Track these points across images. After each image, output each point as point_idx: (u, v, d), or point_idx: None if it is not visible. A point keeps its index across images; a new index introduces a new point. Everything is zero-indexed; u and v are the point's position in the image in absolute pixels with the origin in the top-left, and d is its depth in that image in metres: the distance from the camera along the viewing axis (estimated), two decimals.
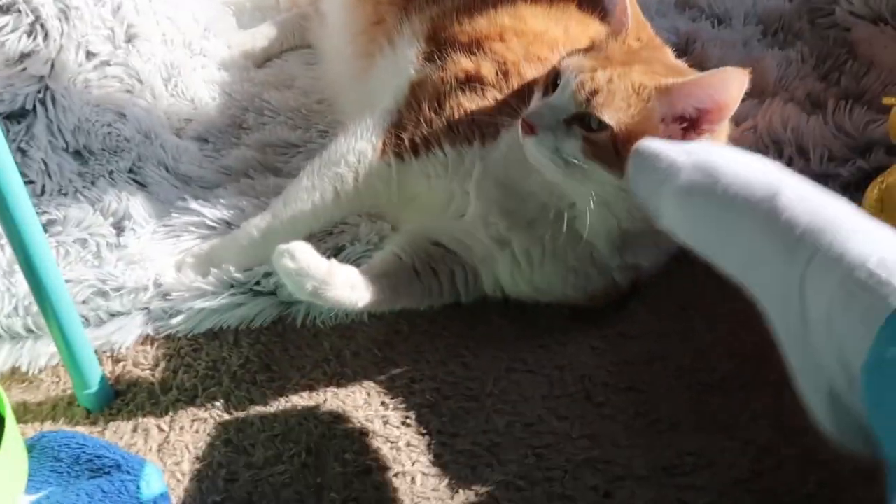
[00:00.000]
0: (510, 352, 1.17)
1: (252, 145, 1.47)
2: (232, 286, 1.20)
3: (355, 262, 1.20)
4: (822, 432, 0.79)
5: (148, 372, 1.15)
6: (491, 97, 1.18)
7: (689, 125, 1.03)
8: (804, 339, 0.77)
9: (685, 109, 1.02)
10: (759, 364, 1.14)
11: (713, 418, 1.08)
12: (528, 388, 1.12)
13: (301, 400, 1.11)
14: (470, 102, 1.17)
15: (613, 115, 1.01)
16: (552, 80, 1.07)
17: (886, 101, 1.18)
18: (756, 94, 1.53)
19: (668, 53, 1.15)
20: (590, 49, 1.10)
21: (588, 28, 1.28)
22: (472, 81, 1.19)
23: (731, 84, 0.98)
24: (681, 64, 1.13)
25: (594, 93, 1.02)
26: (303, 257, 1.03)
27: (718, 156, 0.89)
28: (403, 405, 1.10)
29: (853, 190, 1.32)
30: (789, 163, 1.36)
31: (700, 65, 1.55)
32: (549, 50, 1.21)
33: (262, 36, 1.74)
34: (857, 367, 0.69)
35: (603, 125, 1.02)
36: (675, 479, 1.01)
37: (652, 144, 0.95)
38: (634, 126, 1.01)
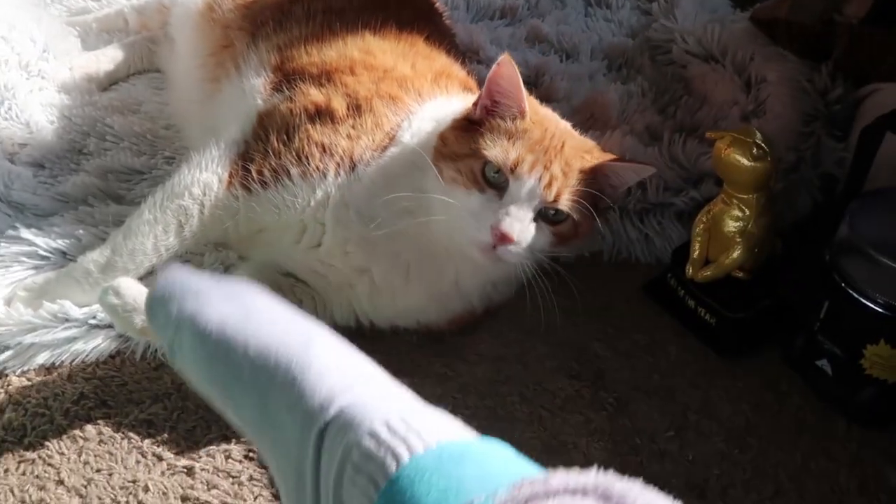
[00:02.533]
0: None
1: (92, 172, 1.40)
2: (66, 320, 1.15)
3: None
4: None
5: None
6: (343, 132, 1.16)
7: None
8: None
9: (606, 187, 1.12)
10: (599, 386, 1.19)
11: (554, 441, 1.12)
12: None
13: (138, 436, 1.07)
14: (320, 135, 1.15)
15: (574, 207, 1.08)
16: (483, 175, 1.07)
17: (709, 135, 1.26)
18: (600, 125, 1.60)
19: (559, 121, 1.19)
20: (479, 125, 1.10)
21: (434, 63, 1.30)
22: (322, 113, 1.18)
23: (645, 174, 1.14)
24: (575, 133, 1.19)
25: (562, 189, 1.07)
26: (128, 292, 1.00)
27: (251, 299, 0.80)
28: (246, 438, 1.08)
29: (687, 219, 1.40)
30: (628, 192, 1.43)
31: (548, 97, 1.62)
32: (399, 87, 1.21)
33: (107, 58, 1.66)
34: None
35: (563, 215, 1.09)
36: None
37: (177, 274, 0.84)
38: (585, 210, 1.09)
